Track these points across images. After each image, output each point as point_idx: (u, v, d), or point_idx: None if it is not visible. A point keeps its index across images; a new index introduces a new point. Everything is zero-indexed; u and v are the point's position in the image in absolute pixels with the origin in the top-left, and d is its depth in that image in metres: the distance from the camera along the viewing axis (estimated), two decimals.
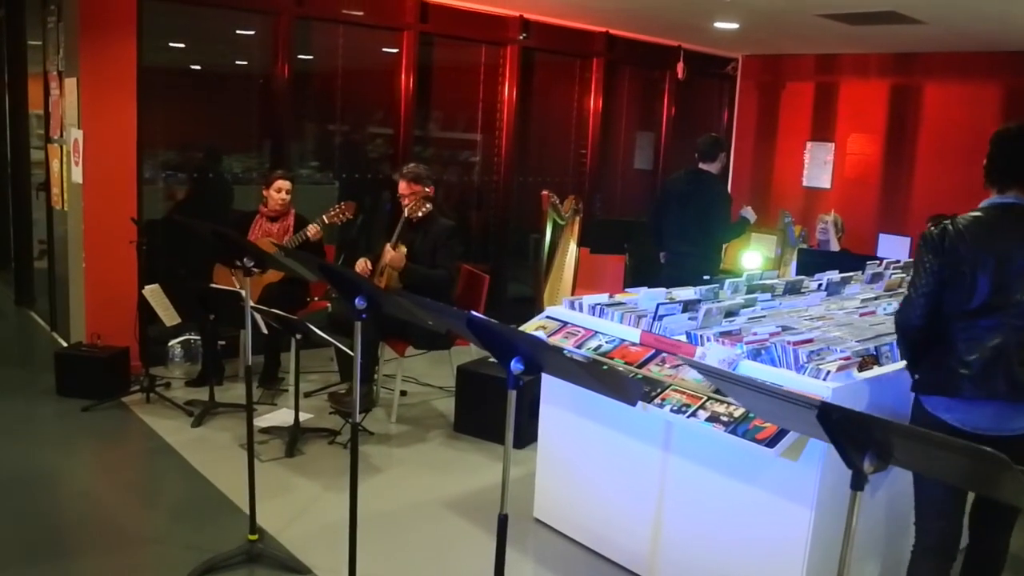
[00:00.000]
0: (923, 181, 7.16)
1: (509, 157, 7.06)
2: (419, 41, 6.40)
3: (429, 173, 4.99)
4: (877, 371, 3.03)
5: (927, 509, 2.73)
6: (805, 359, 2.91)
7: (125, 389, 4.94)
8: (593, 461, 3.49)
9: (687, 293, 3.79)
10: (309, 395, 5.13)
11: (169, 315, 4.82)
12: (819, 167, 7.78)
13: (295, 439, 4.34)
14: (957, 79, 7.00)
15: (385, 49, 6.48)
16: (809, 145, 7.87)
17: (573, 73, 7.54)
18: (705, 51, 8.08)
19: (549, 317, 3.70)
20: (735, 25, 6.58)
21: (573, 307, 3.69)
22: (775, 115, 8.21)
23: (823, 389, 2.76)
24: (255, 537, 3.27)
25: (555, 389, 3.61)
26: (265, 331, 4.44)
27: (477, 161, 7.23)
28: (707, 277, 5.03)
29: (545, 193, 6.12)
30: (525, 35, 6.88)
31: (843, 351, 3.04)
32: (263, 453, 4.24)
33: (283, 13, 5.80)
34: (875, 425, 1.56)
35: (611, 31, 7.38)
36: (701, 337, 3.16)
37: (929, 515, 2.73)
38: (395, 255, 4.70)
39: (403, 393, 5.10)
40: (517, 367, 2.03)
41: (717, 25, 6.60)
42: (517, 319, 4.55)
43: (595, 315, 3.58)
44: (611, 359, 3.27)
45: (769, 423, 2.63)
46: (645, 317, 3.41)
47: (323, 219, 5.05)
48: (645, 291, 3.77)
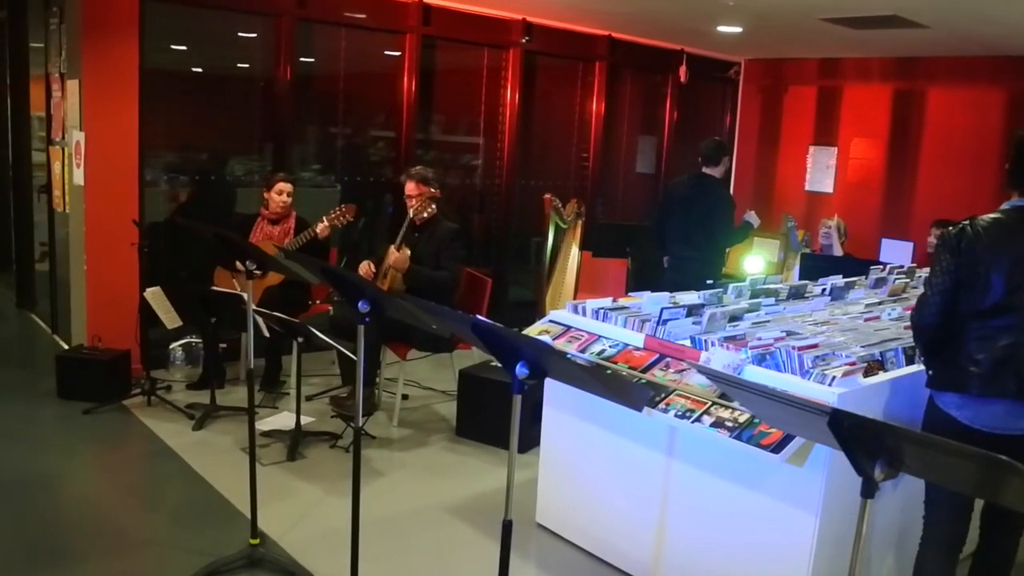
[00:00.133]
0: (926, 186, 7.15)
1: (511, 160, 7.05)
2: (421, 44, 6.40)
3: (435, 176, 4.99)
4: (882, 377, 3.01)
5: (937, 502, 2.75)
6: (810, 364, 2.90)
7: (126, 392, 4.93)
8: (596, 466, 3.47)
9: (691, 297, 3.77)
10: (310, 398, 5.12)
11: (170, 318, 4.81)
12: (821, 171, 7.76)
13: (296, 443, 4.32)
14: (960, 83, 6.99)
15: (387, 52, 6.48)
16: (811, 149, 7.86)
17: (575, 76, 7.53)
18: (707, 55, 8.07)
19: (552, 321, 3.69)
20: (738, 29, 6.58)
21: (576, 311, 3.67)
22: (777, 119, 8.20)
23: (828, 395, 2.74)
24: (256, 541, 3.26)
25: (558, 393, 3.59)
26: (267, 334, 4.42)
27: (479, 164, 7.22)
28: (710, 281, 5.02)
29: (547, 197, 6.11)
30: (527, 38, 6.88)
31: (848, 356, 3.02)
32: (264, 457, 4.22)
33: (285, 15, 5.79)
34: (886, 432, 1.55)
35: (613, 34, 7.37)
36: (705, 342, 3.15)
37: (939, 509, 2.75)
38: (399, 256, 4.69)
39: (405, 397, 5.08)
40: (522, 372, 2.02)
41: (720, 29, 6.60)
42: (519, 323, 4.54)
43: (598, 319, 3.56)
44: (615, 363, 3.25)
45: (776, 429, 2.61)
46: (649, 321, 3.39)
47: (324, 221, 5.04)
48: (648, 295, 3.75)
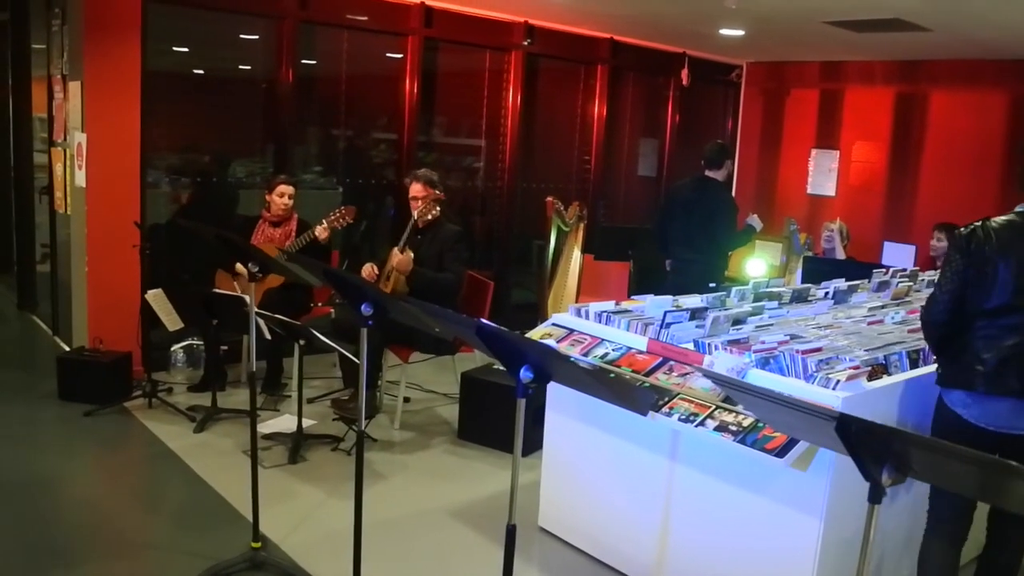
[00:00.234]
0: (928, 189, 7.14)
1: (513, 163, 7.04)
2: (423, 46, 6.39)
3: (439, 179, 4.99)
4: (887, 380, 3.01)
5: (942, 493, 2.78)
6: (814, 368, 2.89)
7: (127, 394, 4.92)
8: (599, 469, 3.46)
9: (694, 301, 3.77)
10: (312, 401, 5.10)
11: (172, 320, 4.80)
12: (823, 175, 7.75)
13: (298, 445, 4.31)
14: (963, 87, 6.98)
15: (389, 54, 6.48)
16: (814, 152, 7.84)
17: (577, 79, 7.53)
18: (709, 58, 8.06)
19: (555, 324, 3.68)
20: (740, 32, 6.57)
21: (579, 314, 3.67)
22: (779, 122, 8.19)
23: (832, 399, 2.74)
24: (258, 545, 3.24)
25: (561, 396, 3.58)
26: (268, 337, 4.41)
27: (481, 167, 7.21)
28: (713, 284, 5.01)
29: (550, 200, 6.10)
30: (529, 41, 6.87)
31: (852, 360, 3.01)
32: (266, 459, 4.21)
33: (287, 18, 5.79)
34: (894, 437, 1.54)
35: (616, 37, 7.37)
36: (709, 345, 3.14)
37: (943, 500, 2.79)
38: (403, 259, 4.68)
39: (406, 400, 5.07)
40: (526, 376, 2.01)
41: (722, 32, 6.59)
42: (520, 326, 4.53)
43: (601, 323, 3.56)
44: (618, 367, 3.24)
45: (781, 433, 2.60)
46: (652, 325, 3.39)
47: (324, 223, 5.03)
48: (651, 299, 3.74)
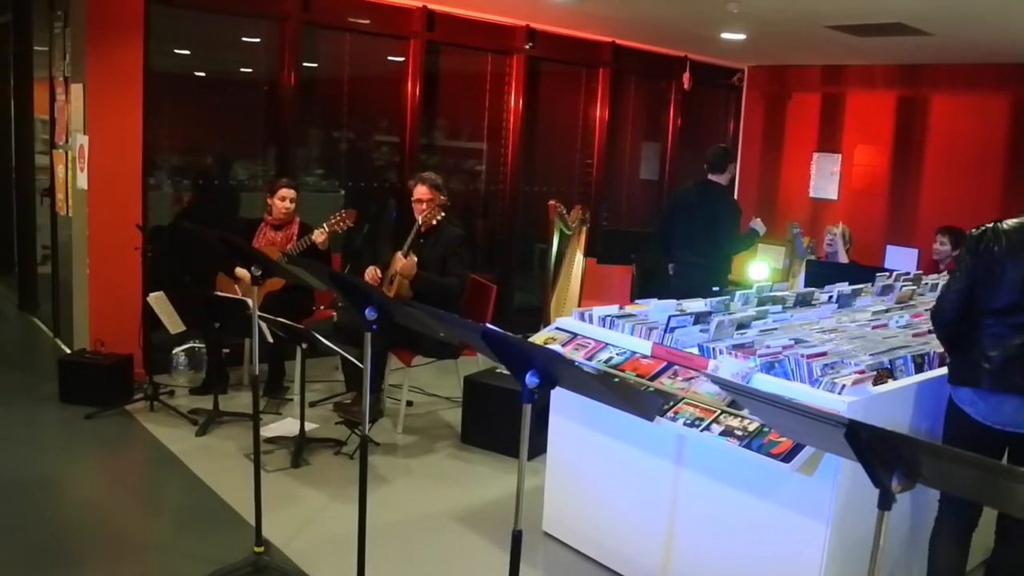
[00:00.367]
0: (930, 192, 7.14)
1: (515, 166, 7.04)
2: (426, 49, 6.39)
3: (443, 183, 4.99)
4: (892, 385, 3.00)
5: None
6: (819, 373, 2.88)
7: (128, 397, 4.91)
8: (604, 473, 3.45)
9: (698, 305, 3.76)
10: (314, 404, 5.09)
11: (174, 323, 4.79)
12: (825, 178, 7.75)
13: (300, 449, 4.30)
14: (964, 91, 6.98)
15: (391, 57, 6.47)
16: (815, 156, 7.84)
17: (579, 83, 7.53)
18: (711, 61, 8.07)
19: (559, 328, 3.67)
20: (742, 36, 6.57)
21: (583, 318, 3.66)
22: (781, 126, 8.19)
23: (838, 403, 2.72)
24: (261, 549, 3.23)
25: (565, 400, 3.57)
26: (270, 340, 4.41)
27: (483, 170, 7.21)
28: (716, 288, 5.00)
29: (552, 203, 6.09)
30: (531, 44, 6.87)
31: (857, 365, 3.01)
32: (268, 463, 4.20)
33: (289, 20, 5.79)
34: (904, 444, 1.53)
35: (617, 41, 7.37)
36: (713, 350, 3.13)
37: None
38: (406, 263, 4.66)
39: (409, 403, 5.06)
40: (532, 381, 2.00)
41: (724, 36, 6.59)
42: (523, 329, 4.54)
43: (605, 327, 3.55)
44: (622, 371, 3.23)
45: (788, 438, 2.59)
46: (656, 329, 3.38)
47: (324, 227, 5.02)
48: (655, 303, 3.74)
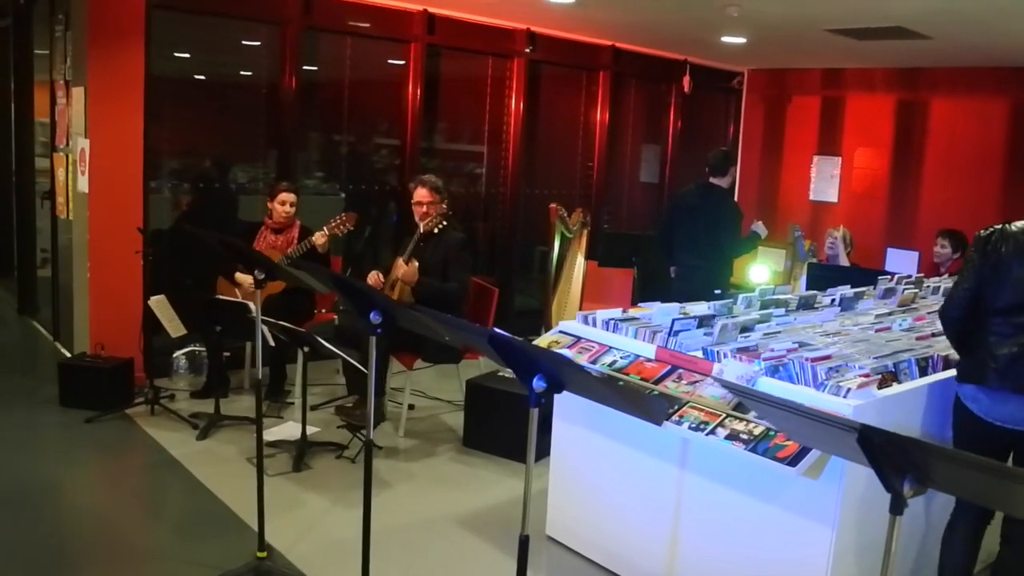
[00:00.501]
0: (930, 195, 7.15)
1: (516, 169, 7.04)
2: (426, 53, 6.39)
3: (444, 187, 4.98)
4: (897, 388, 2.99)
5: None
6: (824, 376, 2.87)
7: (129, 400, 4.89)
8: (608, 478, 3.44)
9: (701, 308, 3.75)
10: (315, 408, 5.07)
11: (174, 326, 4.77)
12: (826, 181, 7.76)
13: (302, 453, 4.29)
14: (964, 94, 6.99)
15: (392, 61, 6.47)
16: (816, 159, 7.85)
17: (580, 86, 7.53)
18: (711, 65, 8.07)
19: (562, 332, 3.66)
20: (742, 40, 6.57)
21: (586, 322, 3.65)
22: (781, 129, 8.20)
23: (844, 407, 2.72)
24: (264, 554, 3.22)
25: (569, 404, 3.55)
26: (271, 343, 4.39)
27: (483, 173, 7.21)
28: (718, 291, 5.00)
29: (553, 206, 6.09)
30: (532, 48, 6.88)
31: (861, 368, 3.00)
32: (270, 467, 4.18)
33: (290, 24, 5.78)
34: (916, 448, 1.52)
35: (617, 44, 7.37)
36: (718, 353, 3.12)
37: None
38: (408, 270, 4.65)
39: (411, 407, 5.05)
40: (540, 385, 1.99)
41: (724, 39, 6.59)
42: (525, 332, 4.53)
43: (609, 330, 3.54)
44: (626, 375, 3.22)
45: (796, 442, 2.58)
46: (660, 332, 3.37)
47: (324, 230, 5.01)
48: (659, 306, 3.73)
